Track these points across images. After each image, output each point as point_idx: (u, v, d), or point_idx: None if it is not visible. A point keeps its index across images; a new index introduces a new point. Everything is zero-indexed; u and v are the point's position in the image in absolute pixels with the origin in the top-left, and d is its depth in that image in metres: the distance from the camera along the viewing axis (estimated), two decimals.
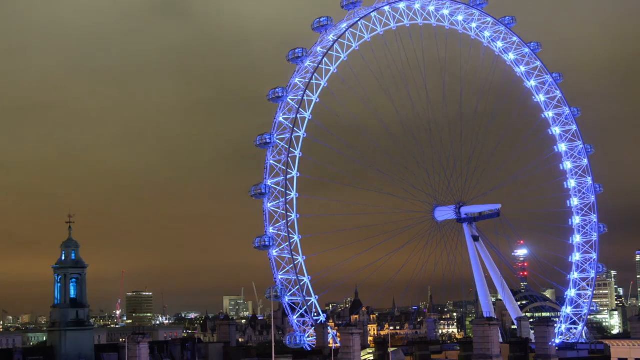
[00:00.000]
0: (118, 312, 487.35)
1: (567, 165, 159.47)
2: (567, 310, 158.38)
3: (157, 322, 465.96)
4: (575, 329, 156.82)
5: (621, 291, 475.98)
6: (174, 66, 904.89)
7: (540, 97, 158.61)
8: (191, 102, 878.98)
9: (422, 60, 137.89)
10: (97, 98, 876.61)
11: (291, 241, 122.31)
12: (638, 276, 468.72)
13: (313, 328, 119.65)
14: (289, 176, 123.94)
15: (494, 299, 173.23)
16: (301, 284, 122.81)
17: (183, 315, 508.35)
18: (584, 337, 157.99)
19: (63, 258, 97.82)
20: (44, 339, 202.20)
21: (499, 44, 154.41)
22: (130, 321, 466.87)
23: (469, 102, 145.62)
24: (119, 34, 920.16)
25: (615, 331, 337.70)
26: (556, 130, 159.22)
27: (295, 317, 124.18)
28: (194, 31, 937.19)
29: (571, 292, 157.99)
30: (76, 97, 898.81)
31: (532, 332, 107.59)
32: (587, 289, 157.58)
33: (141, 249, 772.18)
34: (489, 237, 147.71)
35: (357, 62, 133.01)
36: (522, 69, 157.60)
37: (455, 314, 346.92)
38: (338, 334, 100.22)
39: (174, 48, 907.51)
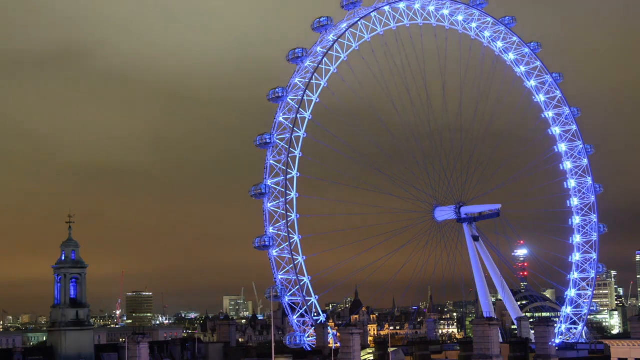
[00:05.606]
0: (118, 312, 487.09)
1: (567, 165, 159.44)
2: (567, 310, 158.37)
3: (157, 322, 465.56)
4: (575, 329, 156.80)
5: (621, 291, 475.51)
6: (172, 67, 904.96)
7: (540, 97, 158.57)
8: (191, 103, 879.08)
9: (422, 60, 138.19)
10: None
11: (291, 241, 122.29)
12: (638, 276, 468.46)
13: (313, 328, 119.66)
14: (289, 176, 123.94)
15: (494, 299, 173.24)
16: (301, 284, 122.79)
17: (183, 315, 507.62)
18: (584, 337, 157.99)
19: (63, 258, 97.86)
20: (44, 339, 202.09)
21: (499, 44, 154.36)
22: (130, 321, 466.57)
23: (469, 102, 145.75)
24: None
25: (615, 331, 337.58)
26: (556, 130, 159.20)
27: (295, 317, 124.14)
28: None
29: (571, 292, 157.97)
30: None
31: (532, 332, 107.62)
32: (587, 289, 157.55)
33: (141, 249, 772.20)
34: (489, 237, 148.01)
35: (357, 62, 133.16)
36: (522, 69, 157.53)
37: (455, 314, 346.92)
38: (338, 334, 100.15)
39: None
